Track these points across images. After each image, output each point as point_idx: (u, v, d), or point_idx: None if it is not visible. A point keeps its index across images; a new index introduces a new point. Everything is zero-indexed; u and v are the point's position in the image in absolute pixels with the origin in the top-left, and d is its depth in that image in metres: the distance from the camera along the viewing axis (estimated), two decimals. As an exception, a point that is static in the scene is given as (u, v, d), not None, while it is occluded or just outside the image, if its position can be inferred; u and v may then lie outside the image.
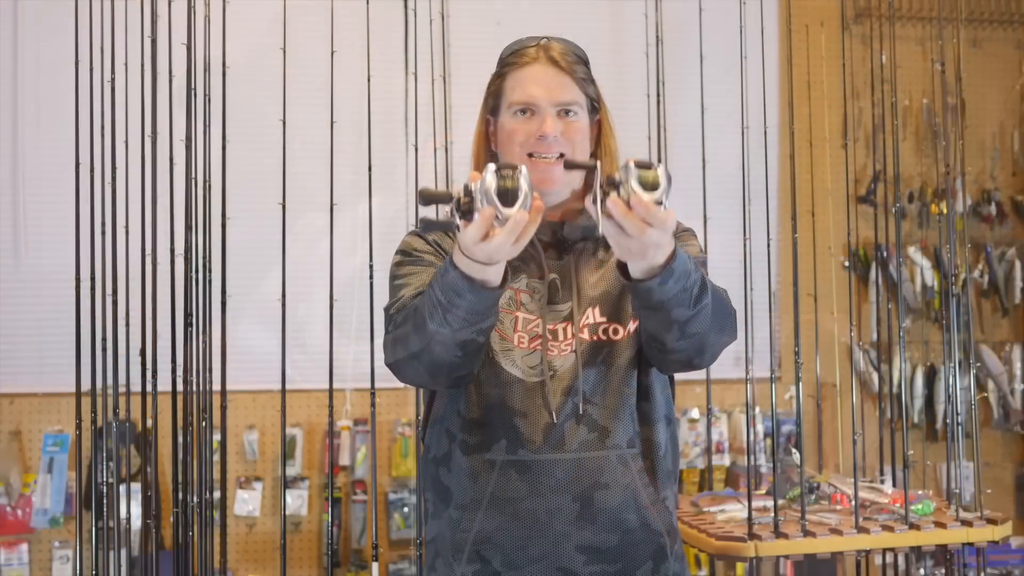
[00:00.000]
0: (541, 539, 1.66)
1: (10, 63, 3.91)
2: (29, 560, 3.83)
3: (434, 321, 1.54)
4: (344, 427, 4.00)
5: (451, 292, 1.50)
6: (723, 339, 1.66)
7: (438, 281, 1.52)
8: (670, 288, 1.49)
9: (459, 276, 1.49)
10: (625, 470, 1.68)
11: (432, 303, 1.53)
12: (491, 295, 1.52)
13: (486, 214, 1.41)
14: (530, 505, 1.65)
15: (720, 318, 1.61)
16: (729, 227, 3.30)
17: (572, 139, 1.72)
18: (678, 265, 1.48)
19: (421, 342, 1.57)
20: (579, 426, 1.66)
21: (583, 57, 1.79)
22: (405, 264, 1.75)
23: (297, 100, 3.21)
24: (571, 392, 1.66)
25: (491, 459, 1.67)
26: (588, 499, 1.65)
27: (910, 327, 4.37)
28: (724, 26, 3.56)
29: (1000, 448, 4.56)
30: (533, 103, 1.71)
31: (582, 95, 1.75)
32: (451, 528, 1.70)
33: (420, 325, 1.56)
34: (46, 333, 3.83)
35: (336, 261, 2.98)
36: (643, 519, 1.68)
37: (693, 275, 1.52)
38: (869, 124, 4.28)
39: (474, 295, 1.50)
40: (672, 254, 1.47)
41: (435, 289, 1.53)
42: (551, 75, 1.72)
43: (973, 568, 3.07)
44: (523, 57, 1.75)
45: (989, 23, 4.60)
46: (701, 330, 1.57)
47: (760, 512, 2.81)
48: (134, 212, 2.95)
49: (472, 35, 4.01)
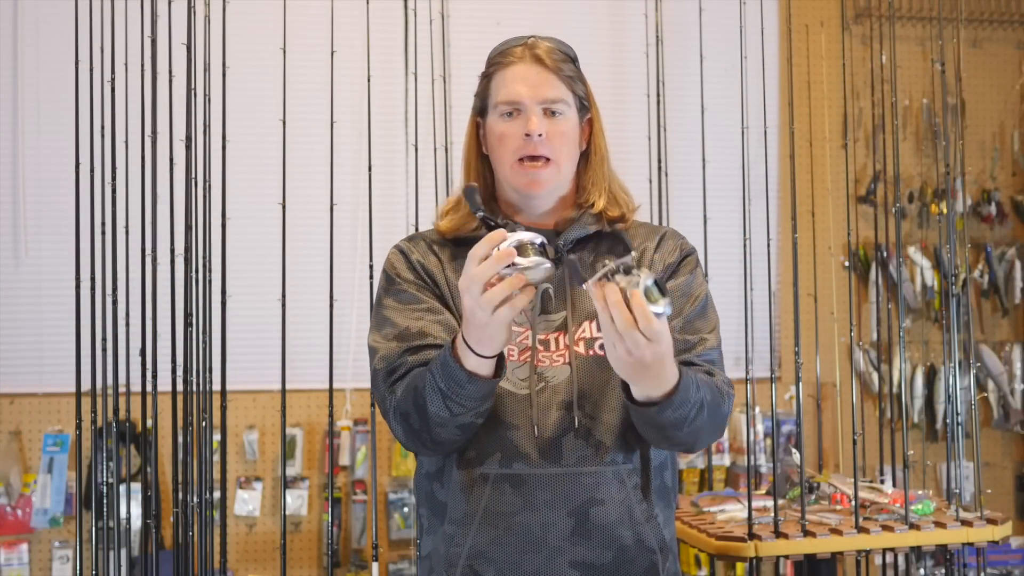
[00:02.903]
0: (535, 554, 1.64)
1: (10, 63, 3.91)
2: (29, 560, 3.83)
3: (434, 405, 1.56)
4: (344, 427, 4.00)
5: (451, 381, 1.53)
6: (711, 439, 1.69)
7: (438, 369, 1.55)
8: (668, 416, 1.52)
9: (459, 368, 1.52)
10: (621, 486, 1.66)
11: (432, 387, 1.56)
12: (489, 384, 1.55)
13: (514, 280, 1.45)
14: (524, 520, 1.64)
15: (713, 424, 1.64)
16: (729, 227, 3.31)
17: (554, 143, 1.69)
18: (678, 397, 1.51)
19: (422, 421, 1.60)
20: (576, 440, 1.64)
21: (571, 55, 1.76)
22: (389, 294, 1.74)
23: (297, 100, 3.21)
24: (567, 406, 1.64)
25: (485, 472, 1.65)
26: (583, 515, 1.64)
27: (910, 327, 4.37)
28: (724, 26, 3.57)
29: (1000, 448, 4.56)
30: (518, 102, 1.69)
31: (569, 93, 1.72)
32: (445, 543, 1.68)
33: (420, 407, 1.58)
34: (46, 333, 3.83)
35: (336, 261, 2.98)
36: (638, 536, 1.66)
37: (693, 399, 1.54)
38: (869, 124, 4.29)
39: (473, 385, 1.53)
40: (676, 385, 1.51)
41: (436, 377, 1.55)
42: (535, 73, 1.70)
43: (973, 568, 3.07)
44: (509, 56, 1.73)
45: (989, 23, 4.60)
46: (690, 440, 1.62)
47: (760, 512, 2.81)
48: (134, 212, 2.95)
49: (472, 35, 4.01)
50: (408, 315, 1.69)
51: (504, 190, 1.77)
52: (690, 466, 4.14)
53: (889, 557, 3.30)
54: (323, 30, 3.14)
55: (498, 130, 1.72)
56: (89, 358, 2.88)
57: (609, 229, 1.77)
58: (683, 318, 1.70)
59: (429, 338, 1.66)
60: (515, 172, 1.71)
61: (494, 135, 1.73)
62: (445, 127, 3.69)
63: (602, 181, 1.77)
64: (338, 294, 2.97)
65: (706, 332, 1.71)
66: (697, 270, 1.78)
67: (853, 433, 2.98)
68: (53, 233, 3.81)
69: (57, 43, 3.65)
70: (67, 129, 2.96)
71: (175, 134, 2.94)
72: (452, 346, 1.53)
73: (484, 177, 1.78)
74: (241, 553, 3.96)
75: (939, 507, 3.01)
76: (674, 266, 1.76)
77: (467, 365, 1.52)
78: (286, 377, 2.92)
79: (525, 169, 1.70)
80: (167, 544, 3.54)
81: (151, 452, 3.06)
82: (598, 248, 1.76)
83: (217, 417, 2.89)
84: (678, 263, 1.76)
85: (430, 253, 1.76)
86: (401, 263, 1.76)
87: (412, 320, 1.68)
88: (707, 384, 1.61)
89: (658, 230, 1.82)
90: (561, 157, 1.71)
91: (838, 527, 2.77)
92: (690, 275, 1.75)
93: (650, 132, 3.67)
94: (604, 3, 4.24)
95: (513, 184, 1.72)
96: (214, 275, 2.90)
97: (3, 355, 3.88)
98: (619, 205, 1.77)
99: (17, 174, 3.90)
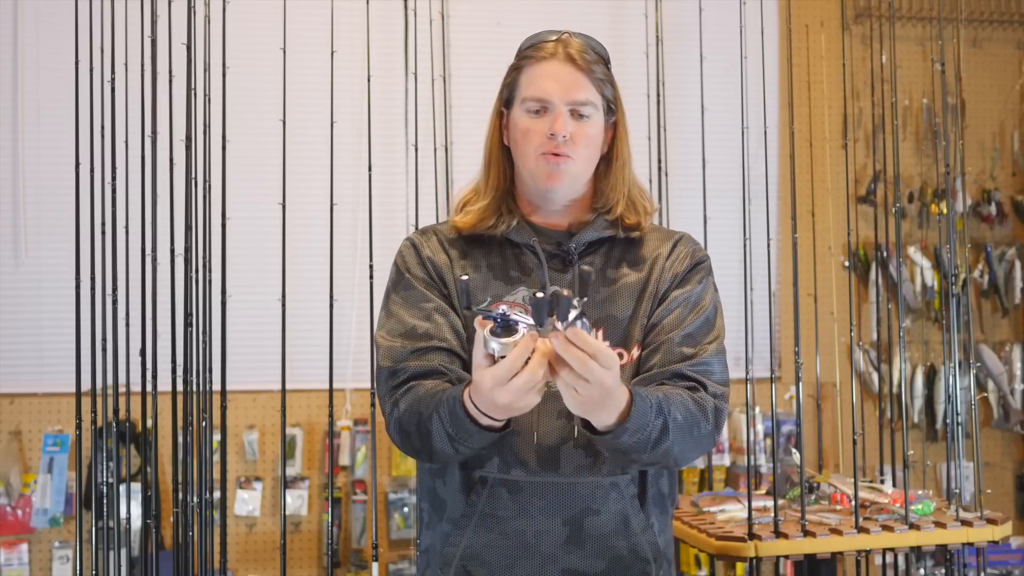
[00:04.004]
0: (528, 560, 1.64)
1: (10, 63, 3.91)
2: (29, 560, 3.83)
3: (439, 442, 1.55)
4: (344, 427, 4.00)
5: (460, 429, 1.51)
6: (696, 455, 1.66)
7: (447, 415, 1.52)
8: (625, 441, 1.49)
9: (469, 420, 1.49)
10: (618, 496, 1.65)
11: (439, 428, 1.53)
12: (499, 434, 1.54)
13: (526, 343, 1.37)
14: (519, 526, 1.64)
15: (690, 443, 1.59)
16: (729, 227, 3.31)
17: (577, 146, 1.67)
18: (632, 423, 1.47)
19: (423, 446, 1.59)
20: (575, 450, 1.64)
21: (603, 56, 1.74)
22: (399, 287, 1.73)
23: (297, 100, 3.21)
24: (568, 415, 1.60)
25: (484, 476, 1.65)
26: (577, 524, 1.64)
27: (910, 327, 4.37)
28: (724, 26, 3.57)
29: (1000, 448, 4.56)
30: (547, 100, 1.67)
31: (598, 95, 1.70)
32: (442, 540, 1.69)
33: (425, 437, 1.57)
34: (46, 333, 3.83)
35: (336, 261, 2.97)
36: (632, 546, 1.66)
37: (652, 423, 1.50)
38: (869, 124, 4.29)
39: (482, 436, 1.52)
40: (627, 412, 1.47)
41: (444, 420, 1.52)
42: (567, 72, 1.68)
43: (973, 568, 3.07)
44: (541, 51, 1.70)
45: (989, 23, 4.60)
46: (663, 461, 1.59)
47: (760, 512, 2.81)
48: (134, 212, 2.95)
49: (472, 35, 4.02)
50: (415, 313, 1.68)
51: (523, 184, 1.75)
52: (690, 466, 4.13)
53: (889, 557, 3.30)
54: (323, 30, 3.14)
55: (523, 125, 1.69)
56: (89, 358, 2.88)
57: (623, 235, 1.74)
58: (683, 329, 1.67)
59: (435, 340, 1.65)
60: (539, 163, 1.68)
61: (518, 129, 1.70)
62: (445, 127, 3.70)
63: (622, 186, 1.74)
64: (338, 294, 2.97)
65: (707, 342, 1.68)
66: (708, 279, 1.75)
67: (853, 433, 2.98)
68: (53, 233, 3.81)
69: (57, 43, 3.65)
70: (67, 129, 2.95)
71: (175, 134, 2.94)
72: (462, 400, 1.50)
73: (504, 169, 1.76)
74: (241, 553, 3.96)
75: (939, 507, 3.01)
76: (682, 275, 1.73)
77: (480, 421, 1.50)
78: (286, 377, 2.91)
79: (548, 160, 1.67)
80: (167, 544, 3.54)
81: (151, 452, 3.06)
82: (611, 253, 1.74)
83: (217, 417, 2.89)
84: (687, 271, 1.74)
85: (441, 250, 1.75)
86: (412, 257, 1.75)
87: (419, 320, 1.67)
88: (679, 405, 1.56)
89: (672, 235, 1.79)
90: (580, 158, 1.69)
91: (838, 527, 2.77)
92: (698, 284, 1.73)
93: (650, 132, 3.67)
94: (604, 3, 4.24)
95: (536, 175, 1.69)
96: (214, 275, 2.90)
97: (3, 355, 3.88)
98: (637, 212, 1.75)
99: (17, 174, 3.90)
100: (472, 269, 1.72)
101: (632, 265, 1.74)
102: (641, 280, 1.72)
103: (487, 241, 1.74)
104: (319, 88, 3.19)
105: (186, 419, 2.83)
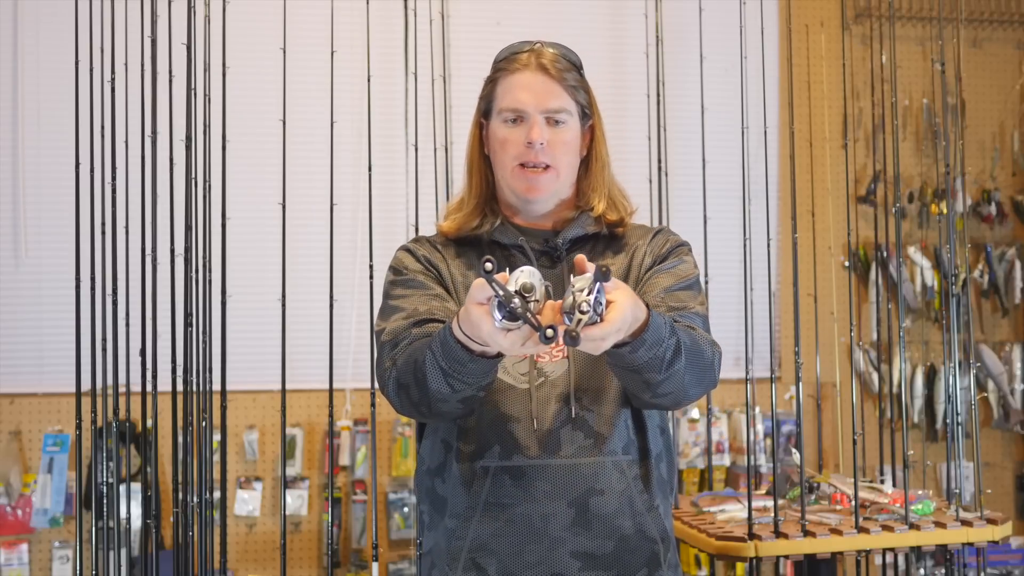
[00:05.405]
0: (536, 545, 1.65)
1: (10, 63, 3.91)
2: (29, 560, 3.83)
3: (435, 382, 1.56)
4: (344, 427, 4.00)
5: (453, 360, 1.52)
6: (700, 391, 1.67)
7: (439, 347, 1.53)
8: (641, 356, 1.50)
9: (460, 348, 1.50)
10: (621, 476, 1.68)
11: (433, 364, 1.55)
12: (491, 362, 1.53)
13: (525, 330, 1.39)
14: (524, 511, 1.65)
15: (697, 373, 1.61)
16: (729, 227, 3.31)
17: (555, 152, 1.74)
18: (650, 335, 1.48)
19: (422, 395, 1.60)
20: (574, 432, 1.66)
21: (575, 62, 1.80)
22: (397, 285, 1.77)
23: (297, 100, 3.21)
24: (565, 399, 1.67)
25: (485, 465, 1.67)
26: (583, 505, 1.65)
27: (910, 327, 4.37)
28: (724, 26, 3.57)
29: (1000, 448, 4.56)
30: (522, 110, 1.74)
31: (572, 102, 1.76)
32: (447, 538, 1.70)
33: (421, 381, 1.58)
34: (46, 333, 3.84)
35: (336, 261, 2.98)
36: (638, 526, 1.68)
37: (667, 341, 1.51)
38: (869, 124, 4.29)
39: (475, 364, 1.52)
40: (646, 322, 1.47)
41: (436, 354, 1.54)
42: (540, 82, 1.74)
43: (973, 568, 3.07)
44: (514, 63, 1.77)
45: (989, 23, 4.60)
46: (673, 390, 1.59)
47: (760, 512, 2.81)
48: (134, 212, 2.95)
49: (472, 35, 4.01)
50: (417, 300, 1.72)
51: (504, 191, 1.82)
52: (690, 466, 4.14)
53: (889, 557, 3.30)
54: (323, 30, 3.13)
55: (500, 135, 1.76)
56: (89, 358, 2.88)
57: (606, 232, 1.81)
58: (666, 289, 1.72)
59: (437, 315, 1.69)
60: (515, 176, 1.76)
61: (496, 139, 1.77)
62: (445, 127, 3.70)
63: (602, 187, 1.81)
64: (338, 294, 2.97)
65: (692, 304, 1.71)
66: (688, 257, 1.81)
67: (853, 433, 2.99)
68: (53, 233, 3.81)
69: (57, 43, 3.65)
70: (67, 129, 2.95)
71: (175, 134, 2.94)
72: (451, 328, 1.51)
73: (485, 177, 1.83)
74: (241, 553, 3.96)
75: (939, 507, 3.01)
76: (662, 256, 1.79)
77: (471, 347, 1.50)
78: (286, 377, 2.91)
79: (525, 174, 1.75)
80: (167, 544, 3.54)
81: (151, 452, 3.06)
82: (595, 249, 1.80)
83: (217, 417, 2.89)
84: (667, 253, 1.80)
85: (435, 251, 1.82)
86: (408, 258, 1.81)
87: (420, 303, 1.71)
88: (685, 330, 1.59)
89: (652, 229, 1.87)
90: (561, 165, 1.76)
91: (838, 527, 2.77)
92: (678, 259, 1.78)
93: (650, 132, 3.67)
94: (604, 3, 4.24)
95: (512, 187, 1.77)
96: (214, 275, 2.90)
97: (3, 355, 3.88)
98: (618, 210, 1.82)
99: (17, 174, 3.90)
100: (466, 267, 1.78)
101: (616, 254, 1.81)
102: (624, 266, 1.78)
103: (477, 242, 1.81)
104: (319, 88, 3.19)
105: (186, 419, 2.83)
